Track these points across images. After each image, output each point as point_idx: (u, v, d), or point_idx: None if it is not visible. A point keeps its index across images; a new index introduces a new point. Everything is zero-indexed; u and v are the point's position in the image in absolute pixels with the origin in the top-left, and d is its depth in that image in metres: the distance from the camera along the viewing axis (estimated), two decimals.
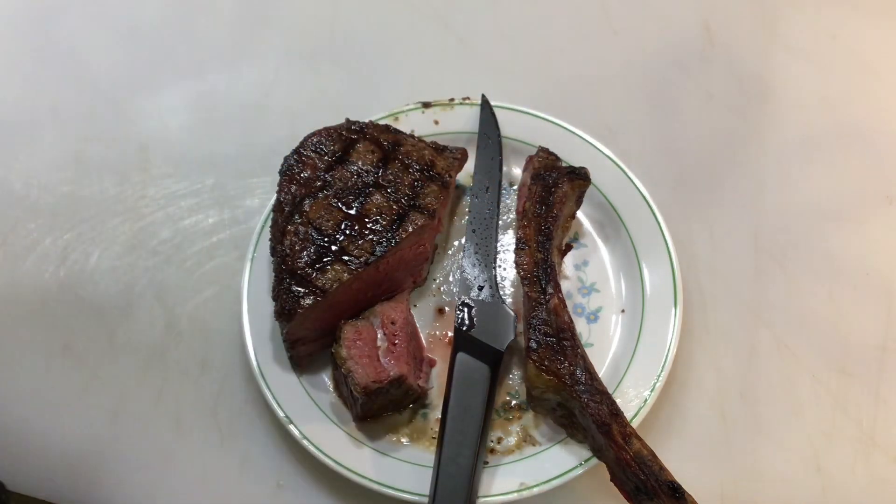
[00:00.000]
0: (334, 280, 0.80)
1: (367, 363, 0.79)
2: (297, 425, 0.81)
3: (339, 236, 0.82)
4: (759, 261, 0.97)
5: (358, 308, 0.85)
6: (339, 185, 0.86)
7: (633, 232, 0.92)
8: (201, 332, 0.93)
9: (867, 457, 0.85)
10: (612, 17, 1.17)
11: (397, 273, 0.87)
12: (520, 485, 0.78)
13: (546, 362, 0.78)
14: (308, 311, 0.79)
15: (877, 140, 1.05)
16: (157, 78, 1.12)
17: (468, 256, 0.90)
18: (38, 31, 1.17)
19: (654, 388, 0.82)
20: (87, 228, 1.00)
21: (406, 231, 0.83)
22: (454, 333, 0.85)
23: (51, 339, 0.93)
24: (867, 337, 0.92)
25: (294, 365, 0.85)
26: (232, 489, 0.84)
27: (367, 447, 0.82)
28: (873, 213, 1.00)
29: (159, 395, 0.89)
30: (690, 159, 1.04)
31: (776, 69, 1.11)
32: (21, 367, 0.92)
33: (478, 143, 0.98)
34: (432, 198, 0.87)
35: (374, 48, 0.99)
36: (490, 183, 0.95)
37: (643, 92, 1.10)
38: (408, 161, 0.89)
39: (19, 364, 0.92)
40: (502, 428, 0.84)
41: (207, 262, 0.98)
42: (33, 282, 0.96)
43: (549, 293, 0.82)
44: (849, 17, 1.16)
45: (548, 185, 0.89)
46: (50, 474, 0.85)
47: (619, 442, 0.74)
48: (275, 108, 1.09)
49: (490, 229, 0.92)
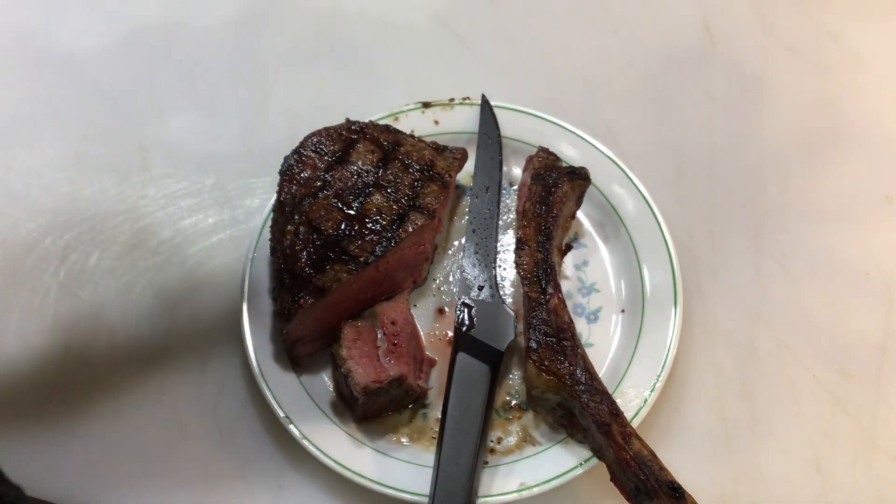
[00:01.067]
0: (334, 280, 0.80)
1: (367, 363, 0.79)
2: (297, 425, 0.81)
3: (339, 236, 0.82)
4: (759, 261, 0.97)
5: (358, 308, 0.85)
6: (339, 185, 0.86)
7: (633, 232, 0.92)
8: (201, 332, 0.93)
9: (867, 457, 0.85)
10: (612, 17, 1.17)
11: (397, 273, 0.87)
12: (520, 485, 0.79)
13: (546, 362, 0.78)
14: (308, 312, 0.79)
15: (876, 140, 1.05)
16: (156, 78, 1.12)
17: (468, 256, 0.90)
18: (38, 31, 1.17)
19: (655, 388, 0.82)
20: (86, 228, 1.00)
21: (406, 231, 0.83)
22: (454, 333, 0.85)
23: (51, 339, 0.93)
24: (867, 337, 0.92)
25: (294, 365, 0.85)
26: (232, 489, 0.84)
27: (367, 447, 0.82)
28: (873, 213, 1.00)
29: (159, 394, 0.89)
30: (690, 159, 1.04)
31: (776, 69, 1.11)
32: (21, 367, 0.91)
33: (478, 142, 0.98)
34: (432, 198, 0.87)
35: (374, 48, 1.00)
36: (490, 183, 0.95)
37: (643, 92, 1.10)
38: (408, 161, 0.89)
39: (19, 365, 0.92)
40: (502, 428, 0.84)
41: (207, 262, 0.98)
42: (33, 282, 0.96)
43: (550, 293, 0.82)
44: (849, 17, 1.16)
45: (548, 185, 0.89)
46: (49, 474, 0.85)
47: (619, 442, 0.74)
48: (275, 108, 1.09)
49: (490, 229, 0.92)
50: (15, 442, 0.87)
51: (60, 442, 0.87)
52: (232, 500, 0.84)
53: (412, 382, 0.81)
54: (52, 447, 0.87)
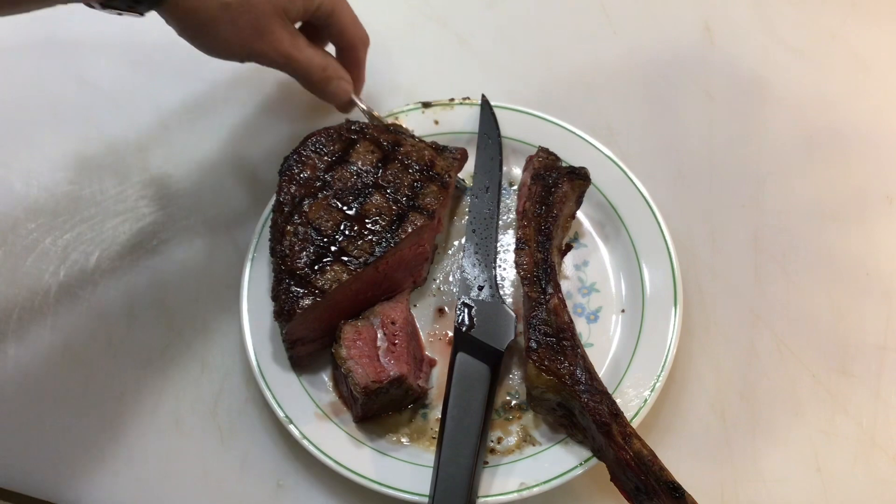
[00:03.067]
0: (333, 280, 0.80)
1: (367, 363, 0.79)
2: (297, 425, 0.81)
3: (339, 237, 0.82)
4: (759, 260, 0.97)
5: (358, 308, 0.85)
6: (338, 185, 0.86)
7: (633, 232, 0.92)
8: (201, 331, 0.93)
9: (867, 456, 0.85)
10: (611, 17, 1.17)
11: (397, 273, 0.87)
12: (520, 485, 0.78)
13: (546, 362, 0.78)
14: (307, 312, 0.79)
15: (877, 140, 1.05)
16: (157, 78, 1.12)
17: (468, 256, 0.90)
18: (38, 31, 1.17)
19: (655, 389, 0.82)
20: (86, 228, 1.00)
21: (405, 231, 0.83)
22: (454, 333, 0.85)
23: (51, 339, 0.93)
24: (867, 336, 0.92)
25: (294, 365, 0.85)
26: (232, 489, 0.84)
27: (367, 447, 0.82)
28: (873, 213, 1.00)
29: (159, 394, 0.89)
30: (690, 159, 1.04)
31: (776, 69, 1.11)
32: (21, 367, 0.92)
33: (478, 143, 0.98)
34: (432, 198, 0.87)
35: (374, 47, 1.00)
36: (490, 183, 0.95)
37: (643, 92, 1.10)
38: (407, 161, 0.89)
39: (19, 364, 0.92)
40: (502, 428, 0.84)
41: (207, 262, 0.98)
42: (33, 282, 0.96)
43: (549, 293, 0.82)
44: (848, 17, 1.16)
45: (548, 185, 0.89)
46: (49, 473, 0.86)
47: (619, 442, 0.74)
48: (275, 108, 1.09)
49: (490, 229, 0.92)
50: (15, 441, 0.88)
51: (60, 441, 0.87)
52: (232, 499, 0.84)
53: (412, 382, 0.80)
54: (51, 446, 0.87)
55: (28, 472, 0.86)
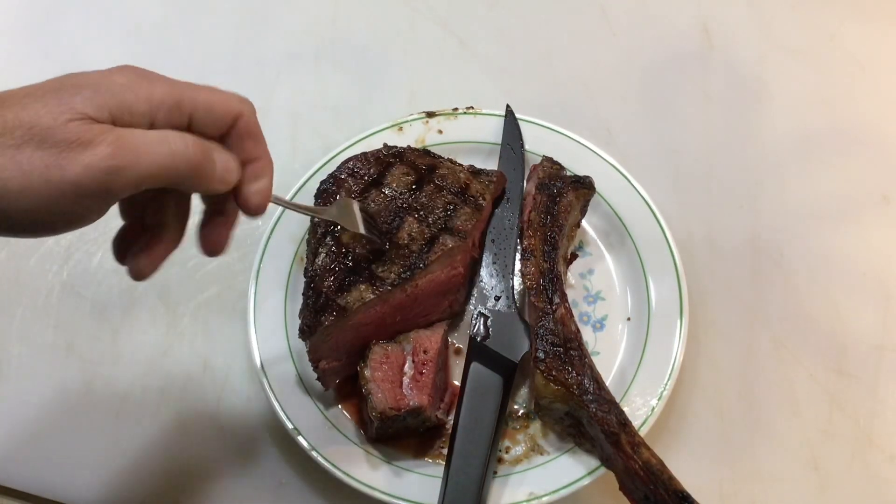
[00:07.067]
0: (357, 300, 0.79)
1: (388, 388, 0.78)
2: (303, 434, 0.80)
3: (369, 259, 0.81)
4: (757, 261, 0.97)
5: (387, 332, 0.83)
6: (372, 207, 0.85)
7: (638, 241, 0.92)
8: (203, 331, 0.93)
9: (864, 455, 0.86)
10: (611, 19, 1.17)
11: (430, 298, 0.85)
12: (529, 494, 0.79)
13: (554, 372, 0.78)
14: (328, 330, 0.78)
15: (875, 140, 1.06)
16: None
17: (486, 266, 0.90)
18: (39, 31, 1.17)
19: (662, 397, 0.82)
20: (89, 228, 0.99)
21: (435, 254, 0.82)
22: (469, 343, 0.85)
23: (54, 338, 0.93)
24: (865, 337, 0.93)
25: (322, 383, 0.84)
26: (234, 488, 0.85)
27: (375, 457, 0.81)
28: (871, 214, 1.01)
29: (161, 394, 0.90)
30: (689, 160, 1.05)
31: (774, 70, 1.12)
32: (24, 366, 0.92)
33: (500, 153, 0.97)
34: (464, 220, 0.85)
35: (375, 50, 1.00)
36: (511, 194, 0.94)
37: (642, 93, 1.11)
38: (442, 184, 0.87)
39: (22, 363, 0.92)
40: (510, 437, 0.84)
41: (209, 262, 0.98)
42: (36, 281, 0.97)
43: (556, 303, 0.82)
44: (846, 19, 1.16)
45: (552, 194, 0.89)
46: (51, 472, 0.86)
47: (627, 451, 0.75)
48: (275, 109, 1.09)
49: (510, 240, 0.92)
50: (15, 441, 0.88)
51: (61, 441, 0.88)
52: (234, 497, 0.85)
53: (430, 414, 0.79)
54: (52, 446, 0.87)
55: (30, 470, 0.86)
